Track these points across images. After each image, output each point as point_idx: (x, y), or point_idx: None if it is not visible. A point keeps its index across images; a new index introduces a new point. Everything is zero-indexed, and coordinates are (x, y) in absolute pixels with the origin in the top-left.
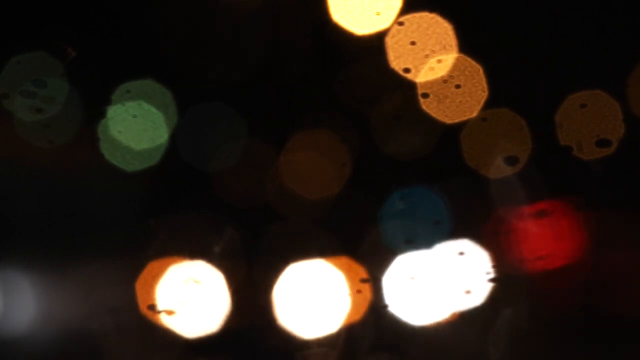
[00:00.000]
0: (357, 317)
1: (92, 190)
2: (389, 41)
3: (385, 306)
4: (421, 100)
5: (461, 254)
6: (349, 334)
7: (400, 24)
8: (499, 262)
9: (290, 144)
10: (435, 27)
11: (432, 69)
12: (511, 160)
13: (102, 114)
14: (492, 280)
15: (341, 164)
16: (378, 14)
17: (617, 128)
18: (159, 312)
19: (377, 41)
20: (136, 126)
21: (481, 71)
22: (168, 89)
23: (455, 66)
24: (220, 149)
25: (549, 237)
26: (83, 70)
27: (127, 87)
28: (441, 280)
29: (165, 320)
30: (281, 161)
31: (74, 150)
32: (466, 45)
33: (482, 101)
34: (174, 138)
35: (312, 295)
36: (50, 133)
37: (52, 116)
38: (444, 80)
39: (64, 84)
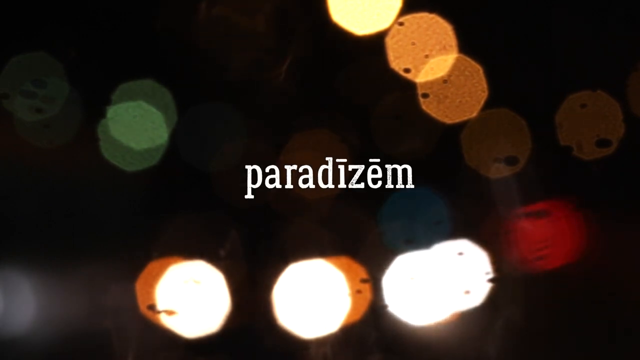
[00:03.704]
0: (357, 317)
1: (92, 190)
2: (389, 41)
3: (385, 306)
4: (421, 100)
5: (461, 254)
6: (349, 334)
7: (400, 24)
8: (498, 262)
9: (290, 144)
10: (435, 27)
11: (432, 69)
12: (511, 160)
13: (102, 114)
14: (492, 280)
15: (341, 163)
16: (378, 14)
17: (617, 128)
18: (159, 312)
19: (377, 41)
20: (136, 126)
21: (481, 71)
22: (168, 89)
23: (455, 66)
24: (220, 149)
25: (548, 237)
26: (83, 70)
27: (127, 87)
28: (441, 280)
29: (165, 320)
30: (281, 161)
31: (74, 150)
32: (466, 45)
33: (482, 101)
34: (174, 138)
35: (312, 295)
36: (50, 133)
37: (52, 116)
38: (444, 80)
39: (64, 84)
